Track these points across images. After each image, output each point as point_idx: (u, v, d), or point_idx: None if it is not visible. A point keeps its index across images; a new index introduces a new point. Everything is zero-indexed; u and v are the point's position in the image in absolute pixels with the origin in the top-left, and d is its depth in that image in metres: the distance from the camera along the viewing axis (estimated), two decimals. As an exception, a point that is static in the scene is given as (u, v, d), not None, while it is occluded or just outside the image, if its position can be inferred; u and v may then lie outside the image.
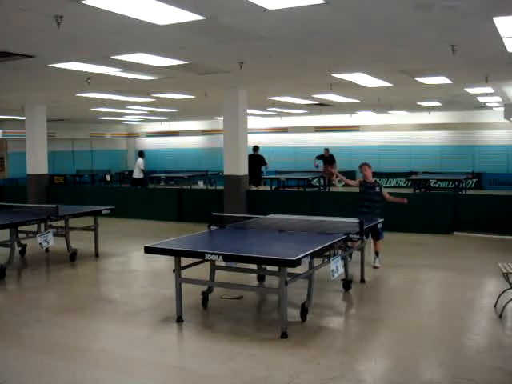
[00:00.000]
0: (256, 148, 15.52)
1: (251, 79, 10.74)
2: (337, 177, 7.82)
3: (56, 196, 14.63)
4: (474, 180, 19.82)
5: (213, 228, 6.55)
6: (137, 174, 17.67)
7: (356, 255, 7.26)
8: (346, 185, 8.51)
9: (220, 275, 6.16)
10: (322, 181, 19.83)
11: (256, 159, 15.12)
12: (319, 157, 18.87)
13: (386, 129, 22.87)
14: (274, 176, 18.15)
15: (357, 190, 8.22)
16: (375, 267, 7.73)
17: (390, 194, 8.31)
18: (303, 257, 4.82)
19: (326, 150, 19.29)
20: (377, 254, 7.85)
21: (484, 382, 4.09)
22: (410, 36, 6.93)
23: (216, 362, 4.45)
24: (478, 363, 4.40)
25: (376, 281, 7.18)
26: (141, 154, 18.26)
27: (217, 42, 7.02)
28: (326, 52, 8.04)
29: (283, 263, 4.82)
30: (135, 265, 8.83)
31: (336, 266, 5.62)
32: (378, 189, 7.90)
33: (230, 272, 6.44)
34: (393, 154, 22.60)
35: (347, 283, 6.64)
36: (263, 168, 15.56)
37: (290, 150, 24.29)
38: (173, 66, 8.70)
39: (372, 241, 7.85)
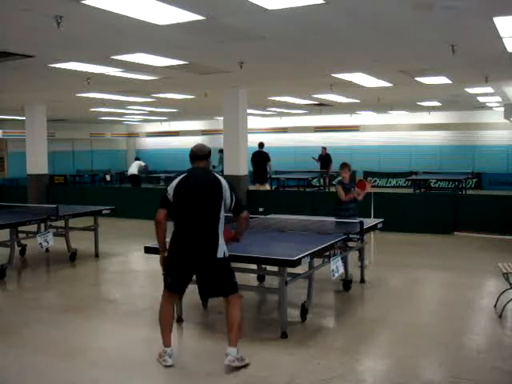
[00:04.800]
0: (261, 144, 15.15)
1: (251, 79, 10.74)
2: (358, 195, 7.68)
3: (56, 196, 14.62)
4: (474, 180, 19.79)
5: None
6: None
7: (356, 255, 7.25)
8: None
9: (220, 275, 6.15)
10: (321, 181, 19.85)
11: (260, 156, 14.73)
12: (318, 158, 19.01)
13: (386, 129, 22.86)
14: (274, 176, 18.13)
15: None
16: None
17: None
18: (303, 257, 4.82)
19: (324, 148, 19.33)
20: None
21: (484, 381, 4.09)
22: (410, 36, 6.93)
23: (216, 362, 4.45)
24: (478, 363, 4.40)
25: (376, 281, 7.18)
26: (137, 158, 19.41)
27: (217, 42, 7.02)
28: (326, 52, 8.05)
29: (283, 263, 4.82)
30: (135, 265, 8.84)
31: (336, 266, 5.62)
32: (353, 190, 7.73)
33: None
34: (393, 153, 22.60)
35: (347, 283, 6.64)
36: (268, 167, 14.95)
37: (290, 150, 24.27)
38: (173, 66, 8.70)
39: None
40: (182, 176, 4.39)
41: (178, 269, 4.38)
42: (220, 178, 4.41)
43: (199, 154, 4.47)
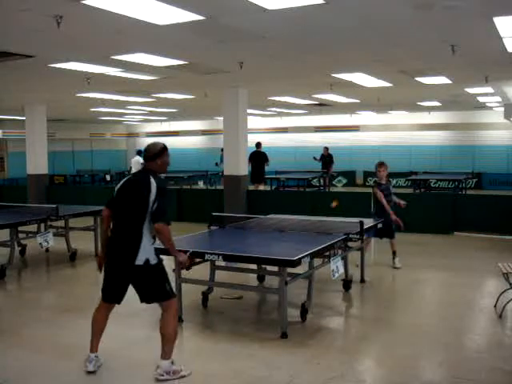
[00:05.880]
0: (259, 144, 15.27)
1: (251, 79, 10.74)
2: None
3: (56, 196, 14.63)
4: (474, 180, 19.79)
5: (213, 228, 6.55)
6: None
7: (356, 255, 7.25)
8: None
9: (220, 275, 6.16)
10: (321, 181, 19.84)
11: (258, 156, 14.87)
12: (319, 158, 19.00)
13: (386, 129, 22.86)
14: (274, 176, 18.16)
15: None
16: (395, 268, 7.70)
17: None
18: (303, 257, 4.82)
19: (326, 148, 19.33)
20: (394, 253, 7.79)
21: (484, 382, 4.09)
22: (410, 36, 6.93)
23: (216, 361, 4.45)
24: (478, 363, 4.40)
25: (376, 281, 7.18)
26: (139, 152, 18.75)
27: (217, 41, 7.02)
28: (326, 52, 8.04)
29: (283, 263, 4.82)
30: (135, 265, 8.81)
31: (336, 266, 5.62)
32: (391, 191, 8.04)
33: (230, 272, 6.44)
34: (393, 153, 22.56)
35: (347, 283, 6.64)
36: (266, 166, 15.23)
37: (290, 150, 24.26)
38: (173, 65, 8.70)
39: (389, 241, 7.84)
40: (125, 178, 4.33)
41: (108, 276, 4.29)
42: (153, 182, 4.06)
43: (147, 155, 4.23)
